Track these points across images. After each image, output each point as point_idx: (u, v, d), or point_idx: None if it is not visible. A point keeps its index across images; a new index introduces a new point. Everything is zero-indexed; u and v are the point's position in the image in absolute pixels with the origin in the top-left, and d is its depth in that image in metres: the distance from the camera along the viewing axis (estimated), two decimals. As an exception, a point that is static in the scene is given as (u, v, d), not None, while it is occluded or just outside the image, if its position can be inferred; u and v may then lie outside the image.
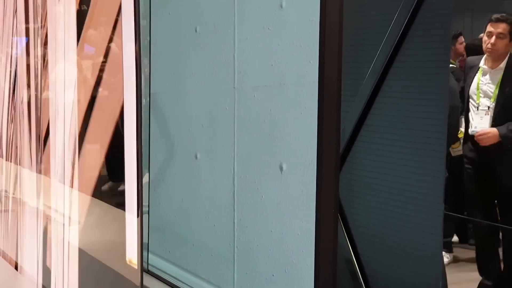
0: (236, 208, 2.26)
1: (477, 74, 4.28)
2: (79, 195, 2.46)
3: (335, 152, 1.88)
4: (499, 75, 4.18)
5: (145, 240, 2.75)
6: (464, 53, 6.18)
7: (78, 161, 2.59)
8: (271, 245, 2.12)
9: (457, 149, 5.23)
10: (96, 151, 2.52)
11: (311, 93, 1.89)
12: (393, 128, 2.90)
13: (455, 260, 5.36)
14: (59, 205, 2.63)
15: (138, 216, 1.92)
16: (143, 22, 2.69)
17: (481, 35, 6.28)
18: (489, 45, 4.20)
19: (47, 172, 2.72)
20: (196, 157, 2.48)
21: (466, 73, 4.46)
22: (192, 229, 2.53)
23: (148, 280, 2.67)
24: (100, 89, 2.29)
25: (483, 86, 4.24)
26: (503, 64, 4.17)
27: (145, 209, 2.77)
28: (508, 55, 4.20)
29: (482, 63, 4.28)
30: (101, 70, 2.34)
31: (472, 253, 4.72)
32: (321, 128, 1.84)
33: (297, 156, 1.99)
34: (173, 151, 2.65)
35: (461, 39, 6.46)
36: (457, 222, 5.30)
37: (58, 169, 2.66)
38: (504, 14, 4.26)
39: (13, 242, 2.94)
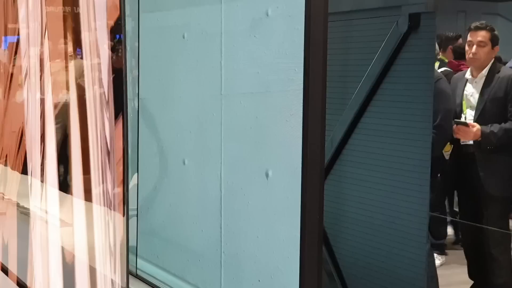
0: (223, 214, 2.28)
1: (464, 87, 4.24)
2: (67, 197, 2.47)
3: (320, 159, 1.89)
4: (481, 84, 4.14)
5: (134, 244, 2.76)
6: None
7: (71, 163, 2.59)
8: (257, 251, 2.13)
9: (449, 152, 5.24)
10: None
11: (296, 100, 1.90)
12: (378, 141, 2.90)
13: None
14: (48, 206, 2.64)
15: (124, 215, 1.93)
16: (132, 24, 2.70)
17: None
18: (470, 55, 4.15)
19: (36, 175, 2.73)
20: (184, 163, 2.49)
21: (454, 87, 4.42)
22: (180, 234, 2.55)
23: (136, 284, 2.68)
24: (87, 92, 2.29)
25: (468, 97, 4.21)
26: (485, 71, 4.13)
27: (134, 212, 2.78)
28: (491, 62, 4.15)
29: (467, 74, 4.24)
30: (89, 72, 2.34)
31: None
32: (306, 135, 1.86)
33: (283, 163, 2.00)
34: (161, 157, 2.66)
35: (460, 41, 6.48)
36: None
37: (50, 172, 2.66)
38: (483, 22, 4.23)
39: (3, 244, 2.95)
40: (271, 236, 2.07)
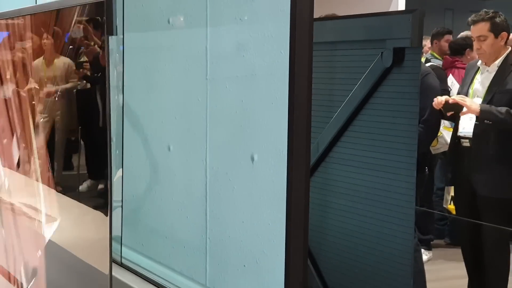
0: (208, 199, 2.26)
1: (475, 75, 4.11)
2: (51, 191, 2.45)
3: (306, 143, 1.88)
4: (492, 74, 4.00)
5: (118, 233, 2.73)
6: (448, 51, 6.25)
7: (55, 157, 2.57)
8: (242, 236, 2.12)
9: (436, 148, 5.25)
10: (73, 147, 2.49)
11: (282, 83, 1.89)
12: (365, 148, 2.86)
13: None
14: (33, 201, 2.62)
15: (108, 204, 1.93)
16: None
17: (463, 33, 6.32)
18: (475, 50, 4.06)
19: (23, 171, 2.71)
20: (169, 149, 2.47)
21: (466, 74, 4.26)
22: (165, 221, 2.53)
23: (121, 273, 2.65)
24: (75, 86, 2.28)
25: (477, 86, 4.06)
26: (498, 61, 3.99)
27: (118, 203, 2.75)
28: (508, 51, 3.98)
29: (480, 62, 4.11)
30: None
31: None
32: (291, 119, 1.85)
33: (268, 147, 1.99)
34: (146, 144, 2.64)
35: (448, 36, 6.52)
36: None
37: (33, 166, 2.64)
38: (481, 13, 4.04)
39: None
40: (257, 221, 2.06)
